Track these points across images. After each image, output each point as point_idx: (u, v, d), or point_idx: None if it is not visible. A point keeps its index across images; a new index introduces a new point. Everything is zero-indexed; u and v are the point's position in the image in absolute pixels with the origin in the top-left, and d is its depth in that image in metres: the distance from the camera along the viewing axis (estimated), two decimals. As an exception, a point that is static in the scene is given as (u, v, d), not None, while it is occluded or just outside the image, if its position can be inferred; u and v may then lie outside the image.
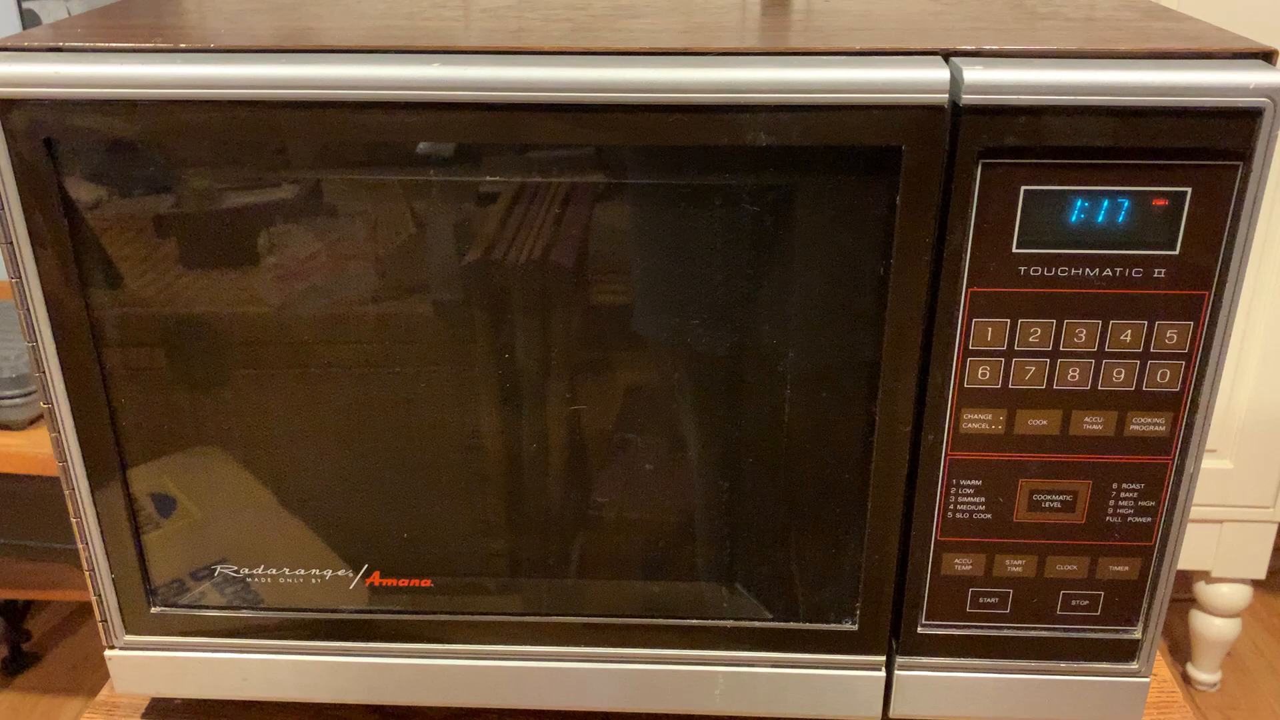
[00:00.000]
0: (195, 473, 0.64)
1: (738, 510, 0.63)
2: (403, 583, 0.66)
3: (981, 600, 0.63)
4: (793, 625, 0.65)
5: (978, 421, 0.59)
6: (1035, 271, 0.55)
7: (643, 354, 0.60)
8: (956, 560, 0.63)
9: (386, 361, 0.60)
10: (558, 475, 0.63)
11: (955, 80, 0.52)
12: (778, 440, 0.60)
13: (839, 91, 0.52)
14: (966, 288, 0.56)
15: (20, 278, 0.58)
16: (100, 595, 0.66)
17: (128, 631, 0.67)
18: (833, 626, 0.64)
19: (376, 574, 0.65)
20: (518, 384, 0.60)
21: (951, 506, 0.61)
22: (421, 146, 0.55)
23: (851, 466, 0.60)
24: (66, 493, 0.63)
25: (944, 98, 0.52)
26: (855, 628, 0.64)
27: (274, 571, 0.66)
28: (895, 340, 0.57)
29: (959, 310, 0.56)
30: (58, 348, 0.59)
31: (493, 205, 0.56)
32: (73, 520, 0.64)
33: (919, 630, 0.64)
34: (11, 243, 0.57)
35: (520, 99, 0.53)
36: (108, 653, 0.68)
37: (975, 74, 0.52)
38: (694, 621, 0.65)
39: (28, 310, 0.59)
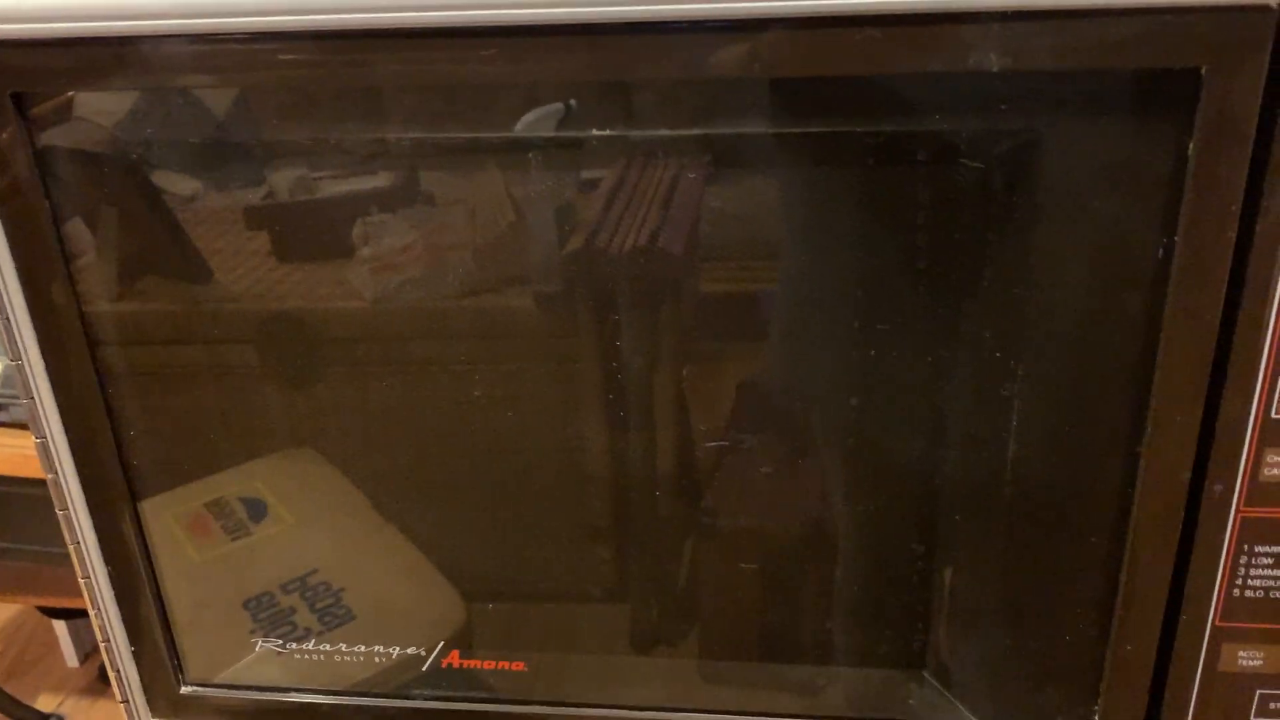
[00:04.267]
0: (237, 509, 0.50)
1: (934, 579, 0.47)
2: (489, 665, 0.51)
3: (1273, 707, 0.46)
4: (1005, 732, 0.48)
5: (1287, 467, 0.42)
6: (1393, 253, 0.38)
7: (809, 367, 0.44)
8: (1241, 653, 0.46)
9: (473, 363, 0.46)
10: (690, 519, 0.48)
11: (1290, -34, 0.35)
12: (997, 489, 0.44)
13: (1109, -11, 0.35)
14: (1286, 277, 0.39)
15: (-4, 276, 0.45)
16: (120, 670, 0.53)
17: (154, 715, 0.54)
18: (1060, 735, 0.48)
19: (455, 653, 0.51)
20: (640, 398, 0.45)
21: (1239, 581, 0.44)
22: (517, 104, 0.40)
23: (1101, 526, 0.44)
24: (71, 547, 0.50)
25: (1275, -8, 0.35)
26: (1092, 739, 0.47)
27: (328, 647, 0.52)
28: (1175, 352, 0.40)
29: (1272, 310, 0.39)
30: (45, 360, 0.46)
31: (604, 173, 0.41)
32: (80, 581, 0.51)
33: (1181, 743, 0.47)
34: (-20, 231, 0.44)
35: (635, 15, 0.37)
36: (131, 739, 0.55)
37: (1323, -45, 0.34)
38: (870, 723, 0.49)
39: (7, 319, 0.45)
